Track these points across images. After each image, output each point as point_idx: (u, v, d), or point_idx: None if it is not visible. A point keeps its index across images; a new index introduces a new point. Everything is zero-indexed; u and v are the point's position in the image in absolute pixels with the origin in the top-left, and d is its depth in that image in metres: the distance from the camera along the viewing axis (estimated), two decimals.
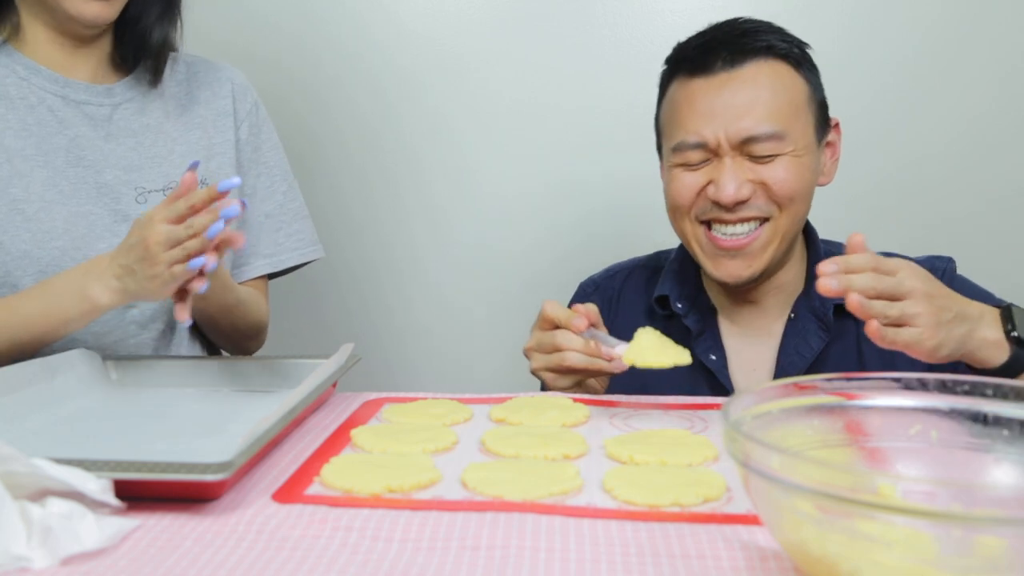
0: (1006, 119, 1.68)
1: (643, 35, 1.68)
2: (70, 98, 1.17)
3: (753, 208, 1.07)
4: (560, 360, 0.99)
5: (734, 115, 1.05)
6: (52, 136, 1.15)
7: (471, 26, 1.75)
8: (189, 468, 0.67)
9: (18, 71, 1.16)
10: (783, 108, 1.06)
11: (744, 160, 1.06)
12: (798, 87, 1.09)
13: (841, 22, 1.68)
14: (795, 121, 1.07)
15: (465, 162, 1.79)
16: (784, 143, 1.06)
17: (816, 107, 1.11)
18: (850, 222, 1.11)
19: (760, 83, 1.07)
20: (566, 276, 1.72)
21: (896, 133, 1.69)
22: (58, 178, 1.14)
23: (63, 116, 1.16)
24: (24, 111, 1.14)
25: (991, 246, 1.67)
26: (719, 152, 1.07)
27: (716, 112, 1.06)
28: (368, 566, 0.59)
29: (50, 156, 1.14)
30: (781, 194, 1.06)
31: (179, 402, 1.00)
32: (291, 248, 1.31)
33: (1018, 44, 1.67)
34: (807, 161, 1.08)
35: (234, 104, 1.29)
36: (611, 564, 0.58)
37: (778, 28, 1.12)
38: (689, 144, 1.08)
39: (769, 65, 1.08)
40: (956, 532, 0.47)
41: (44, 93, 1.16)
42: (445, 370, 1.82)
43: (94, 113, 1.18)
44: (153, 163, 1.20)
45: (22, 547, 0.58)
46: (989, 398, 0.64)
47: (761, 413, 0.63)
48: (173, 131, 1.23)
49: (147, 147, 1.20)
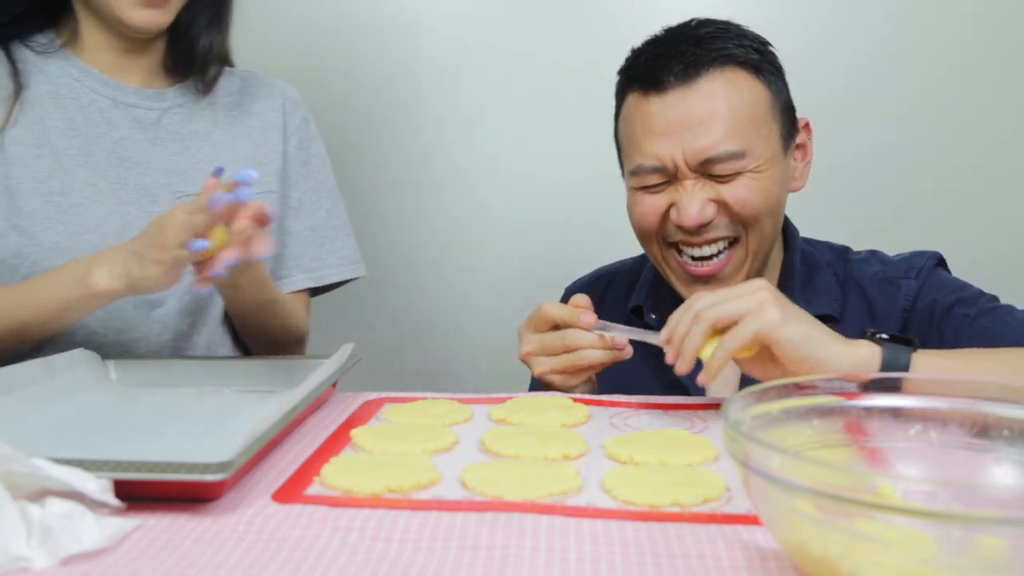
0: (990, 114, 1.69)
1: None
2: (120, 100, 1.19)
3: (719, 228, 1.03)
4: (576, 360, 0.96)
5: (691, 136, 1.00)
6: (98, 136, 1.17)
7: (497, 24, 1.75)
8: (189, 468, 0.67)
9: (72, 73, 1.18)
10: (743, 123, 1.01)
11: (705, 181, 1.02)
12: (758, 97, 1.04)
13: (833, 14, 1.68)
14: (756, 135, 1.02)
15: (465, 163, 1.79)
16: (746, 160, 1.01)
17: (780, 113, 1.06)
18: (830, 219, 1.11)
19: (717, 97, 1.01)
20: (566, 276, 1.72)
21: (869, 126, 1.70)
22: (98, 177, 1.16)
23: (111, 117, 1.18)
24: (73, 110, 1.17)
25: (973, 241, 1.67)
26: (678, 175, 1.03)
27: (671, 133, 1.01)
28: (368, 566, 0.59)
29: (94, 155, 1.16)
30: (744, 214, 1.03)
31: (179, 402, 1.00)
32: (333, 264, 1.32)
33: (1001, 37, 1.67)
34: (773, 175, 1.04)
35: (284, 117, 1.30)
36: (611, 564, 0.58)
37: (737, 29, 1.07)
38: (647, 168, 1.04)
39: (725, 76, 1.02)
40: (956, 532, 0.47)
41: (95, 95, 1.18)
42: (445, 370, 1.82)
43: (142, 116, 1.20)
44: (196, 168, 1.21)
45: (22, 547, 0.58)
46: (989, 398, 0.64)
47: (761, 413, 0.63)
48: (220, 139, 1.24)
49: (192, 152, 1.22)
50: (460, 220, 1.80)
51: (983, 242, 1.69)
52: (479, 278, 1.81)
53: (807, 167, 1.12)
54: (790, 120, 1.09)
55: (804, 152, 1.12)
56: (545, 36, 1.75)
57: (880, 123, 1.70)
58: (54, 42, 1.19)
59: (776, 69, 1.08)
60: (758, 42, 1.07)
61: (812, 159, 1.13)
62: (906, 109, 1.70)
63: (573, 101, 1.74)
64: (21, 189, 1.11)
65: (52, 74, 1.17)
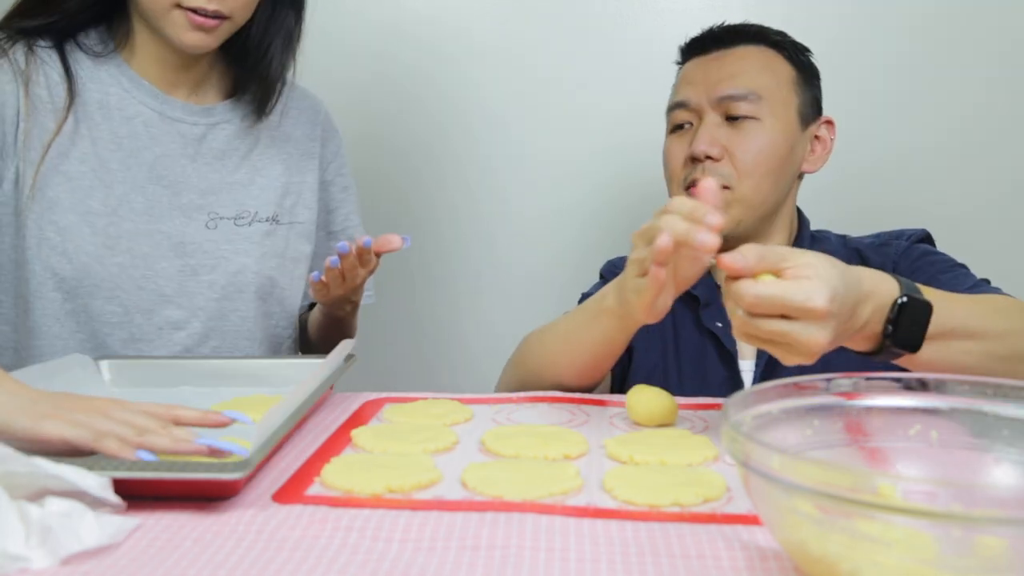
0: (1001, 115, 1.68)
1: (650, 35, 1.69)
2: (167, 115, 1.18)
3: (718, 174, 1.11)
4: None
5: (716, 79, 1.15)
6: (140, 150, 1.16)
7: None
8: (207, 467, 0.67)
9: (123, 82, 1.17)
10: (765, 79, 1.14)
11: (722, 123, 1.14)
12: (784, 70, 1.17)
13: (841, 18, 1.68)
14: (775, 93, 1.14)
15: (466, 164, 1.79)
16: (760, 106, 1.13)
17: (802, 92, 1.17)
18: (843, 216, 1.12)
19: (747, 60, 1.16)
20: (565, 276, 1.73)
21: (891, 128, 1.69)
22: (135, 194, 1.14)
23: (156, 132, 1.17)
24: (119, 122, 1.16)
25: (986, 242, 1.66)
26: (700, 113, 1.15)
27: (701, 79, 1.16)
28: (368, 566, 0.59)
29: (133, 170, 1.15)
30: (744, 161, 1.12)
31: (176, 401, 0.99)
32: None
33: (1015, 40, 1.67)
34: (782, 135, 1.14)
35: (322, 148, 1.30)
36: (611, 564, 0.58)
37: (781, 31, 1.20)
38: (675, 104, 1.18)
39: (760, 49, 1.17)
40: (956, 532, 0.47)
41: (142, 107, 1.17)
42: (445, 370, 1.82)
43: (187, 132, 1.19)
44: (230, 189, 1.20)
45: (20, 547, 0.57)
46: (989, 398, 0.64)
47: (761, 413, 0.63)
48: (258, 162, 1.23)
49: (228, 172, 1.21)
50: (460, 220, 1.80)
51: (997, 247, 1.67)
52: (480, 278, 1.81)
53: (824, 156, 1.20)
54: (813, 108, 1.19)
55: (824, 144, 1.20)
56: (557, 37, 1.74)
57: (892, 126, 1.70)
58: (108, 45, 1.17)
59: (810, 68, 1.20)
60: (798, 44, 1.20)
61: (831, 152, 1.21)
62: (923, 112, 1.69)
63: (587, 101, 1.74)
64: (60, 202, 1.10)
65: (104, 81, 1.16)
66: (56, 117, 1.12)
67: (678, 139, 1.18)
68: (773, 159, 1.13)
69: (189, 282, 1.16)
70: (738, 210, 1.12)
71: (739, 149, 1.12)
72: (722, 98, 1.14)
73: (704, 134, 1.13)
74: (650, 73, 1.58)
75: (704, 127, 1.14)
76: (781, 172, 1.15)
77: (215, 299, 1.17)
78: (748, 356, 1.14)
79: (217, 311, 1.17)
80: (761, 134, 1.13)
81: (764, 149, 1.12)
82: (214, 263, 1.17)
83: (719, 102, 1.14)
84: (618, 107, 1.71)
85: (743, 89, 1.13)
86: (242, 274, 1.18)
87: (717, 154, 1.12)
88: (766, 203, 1.14)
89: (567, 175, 1.76)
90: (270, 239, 1.21)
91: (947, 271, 1.10)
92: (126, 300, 1.13)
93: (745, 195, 1.12)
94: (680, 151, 1.16)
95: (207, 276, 1.17)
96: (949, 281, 1.06)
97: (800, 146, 1.17)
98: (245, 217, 1.20)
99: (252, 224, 1.20)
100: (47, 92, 1.12)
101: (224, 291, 1.18)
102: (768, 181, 1.13)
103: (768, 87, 1.14)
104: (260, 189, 1.22)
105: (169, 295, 1.15)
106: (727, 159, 1.12)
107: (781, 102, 1.15)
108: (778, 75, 1.16)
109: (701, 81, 1.16)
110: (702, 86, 1.16)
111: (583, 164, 1.75)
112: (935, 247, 1.19)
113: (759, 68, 1.15)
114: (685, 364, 1.17)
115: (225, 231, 1.18)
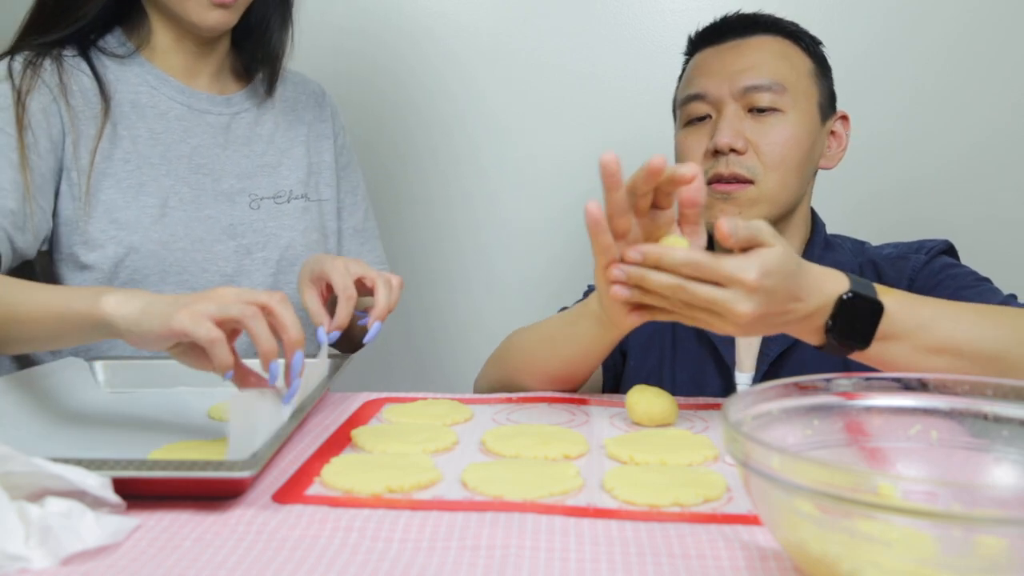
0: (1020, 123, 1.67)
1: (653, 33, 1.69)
2: (194, 107, 1.22)
3: (743, 167, 1.08)
4: None
5: (737, 71, 1.11)
6: (177, 144, 1.20)
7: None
8: (216, 465, 0.68)
9: (150, 80, 1.20)
10: (785, 70, 1.11)
11: (745, 116, 1.10)
12: (803, 61, 1.14)
13: (855, 21, 1.68)
14: (797, 85, 1.11)
15: (463, 165, 1.79)
16: (784, 97, 1.10)
17: (821, 85, 1.14)
18: (859, 220, 1.11)
19: (766, 50, 1.12)
20: (563, 277, 1.73)
21: (912, 134, 1.68)
22: (181, 185, 1.18)
23: (188, 125, 1.21)
24: (153, 119, 1.19)
25: (1014, 253, 1.65)
26: (720, 105, 1.11)
27: (720, 70, 1.12)
28: (368, 566, 0.59)
29: (174, 164, 1.19)
30: (771, 154, 1.08)
31: (174, 400, 0.99)
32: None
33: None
34: (804, 131, 1.10)
35: (333, 128, 1.36)
36: (611, 564, 0.58)
37: (794, 22, 1.18)
38: (692, 95, 1.13)
39: (776, 40, 1.14)
40: (956, 532, 0.47)
41: (172, 102, 1.21)
42: (445, 370, 1.82)
43: (214, 122, 1.23)
44: (264, 172, 1.25)
45: (20, 547, 0.57)
46: (989, 398, 0.64)
47: (761, 413, 0.63)
48: (281, 143, 1.29)
49: (258, 155, 1.26)
50: (460, 221, 1.80)
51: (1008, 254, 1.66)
52: (480, 278, 1.81)
53: (841, 152, 1.18)
54: (830, 102, 1.16)
55: (840, 140, 1.18)
56: (562, 39, 1.74)
57: (911, 131, 1.69)
58: (127, 45, 1.20)
59: (823, 61, 1.17)
60: (812, 36, 1.17)
61: (846, 149, 1.19)
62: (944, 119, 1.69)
63: (584, 103, 1.74)
64: (115, 203, 1.13)
65: (132, 82, 1.19)
66: (96, 123, 1.15)
67: (695, 132, 1.13)
68: (798, 152, 1.10)
69: (245, 261, 1.21)
70: (764, 207, 1.08)
71: (764, 141, 1.08)
72: (746, 88, 1.09)
73: (727, 126, 1.08)
74: (651, 73, 1.59)
75: (725, 119, 1.09)
76: (804, 166, 1.11)
77: (271, 274, 1.22)
78: (746, 369, 1.11)
79: (274, 286, 1.21)
80: (786, 126, 1.09)
81: (789, 141, 1.09)
82: (265, 240, 1.22)
83: (742, 93, 1.10)
84: (619, 107, 1.71)
85: (767, 79, 1.09)
86: (292, 248, 1.24)
87: (742, 147, 1.08)
88: (790, 200, 1.11)
89: (565, 177, 1.76)
90: (308, 215, 1.27)
91: (970, 286, 1.05)
92: (194, 284, 1.16)
93: (771, 189, 1.08)
94: (699, 145, 1.11)
95: (260, 253, 1.22)
96: (972, 298, 1.00)
97: (820, 141, 1.14)
98: (283, 195, 1.25)
99: (290, 201, 1.26)
100: (83, 100, 1.14)
101: (278, 266, 1.23)
102: (794, 175, 1.10)
103: (789, 78, 1.11)
104: (289, 170, 1.27)
105: (230, 274, 1.20)
106: (751, 152, 1.09)
107: (803, 94, 1.11)
108: (797, 67, 1.12)
109: (719, 71, 1.12)
110: (721, 76, 1.11)
111: (582, 165, 1.75)
112: (958, 259, 1.15)
113: (779, 58, 1.12)
114: (681, 373, 1.14)
115: (268, 210, 1.23)
